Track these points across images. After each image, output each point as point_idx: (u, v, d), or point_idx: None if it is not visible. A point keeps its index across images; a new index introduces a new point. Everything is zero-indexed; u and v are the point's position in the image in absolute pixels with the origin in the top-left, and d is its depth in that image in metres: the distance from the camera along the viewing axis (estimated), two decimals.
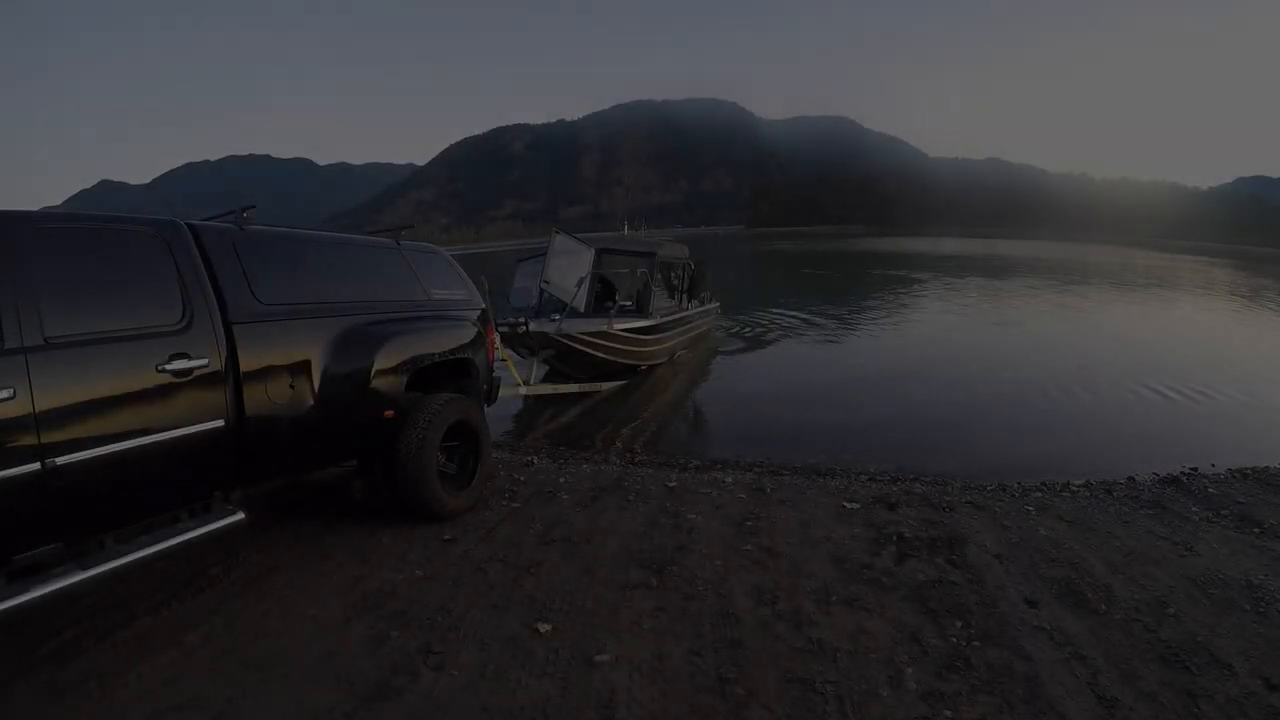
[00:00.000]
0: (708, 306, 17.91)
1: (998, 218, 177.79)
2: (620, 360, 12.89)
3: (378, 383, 5.02)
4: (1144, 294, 29.38)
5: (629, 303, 13.92)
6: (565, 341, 11.69)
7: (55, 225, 3.55)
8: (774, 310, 23.67)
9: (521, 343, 11.87)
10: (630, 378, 13.20)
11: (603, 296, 13.97)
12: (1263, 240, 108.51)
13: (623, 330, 12.56)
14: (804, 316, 21.97)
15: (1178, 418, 10.06)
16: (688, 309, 15.94)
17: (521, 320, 11.42)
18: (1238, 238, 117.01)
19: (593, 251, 13.31)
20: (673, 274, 15.65)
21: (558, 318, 11.80)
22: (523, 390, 11.36)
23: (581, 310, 12.52)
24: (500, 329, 11.01)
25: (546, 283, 12.55)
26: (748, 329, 19.83)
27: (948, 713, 3.24)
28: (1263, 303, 26.94)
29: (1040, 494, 6.66)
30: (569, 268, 12.82)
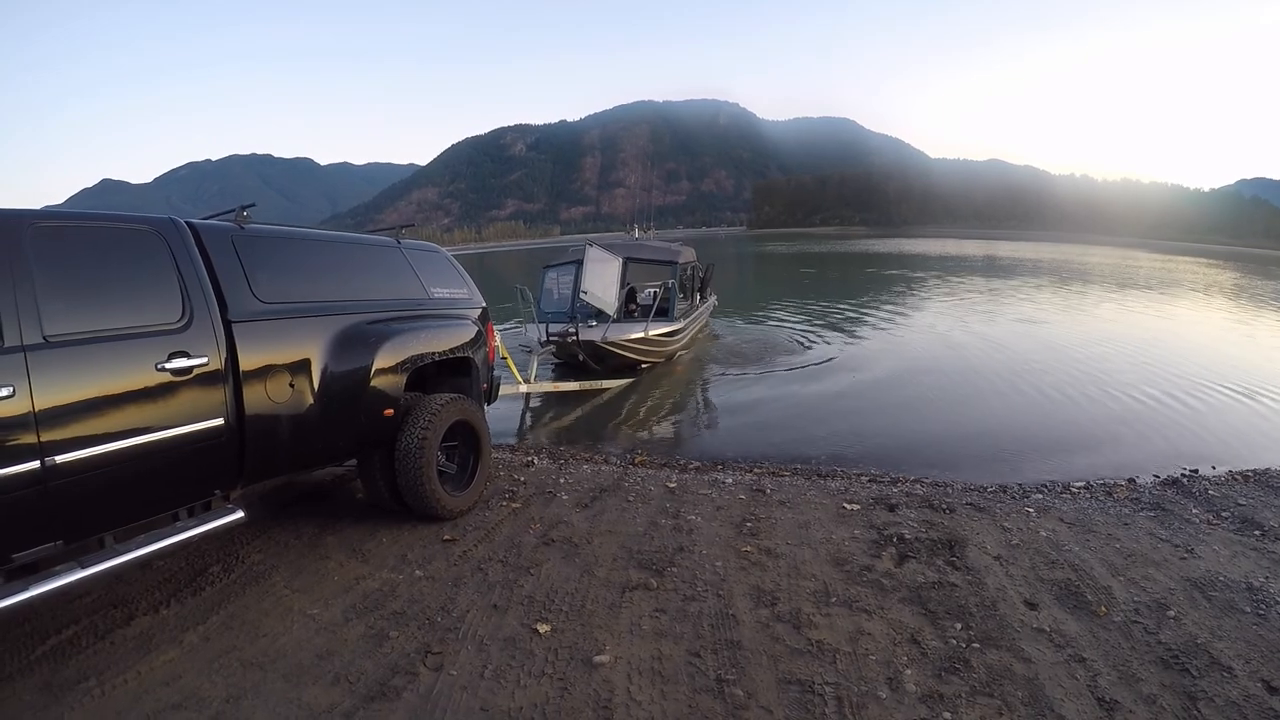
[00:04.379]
0: (708, 302, 19.16)
1: (1000, 218, 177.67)
2: (642, 360, 13.89)
3: (377, 382, 5.02)
4: (1147, 296, 29.25)
5: (649, 301, 15.21)
6: (612, 349, 12.80)
7: (55, 224, 3.54)
8: (775, 311, 23.67)
9: (570, 351, 13.07)
10: (631, 377, 13.37)
11: (626, 301, 14.86)
12: (1266, 242, 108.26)
13: (657, 335, 13.76)
14: (805, 317, 21.92)
15: (1179, 419, 10.01)
16: (698, 307, 17.13)
17: (572, 330, 12.50)
18: (1240, 239, 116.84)
19: (620, 261, 14.01)
20: (685, 276, 16.36)
21: (594, 324, 13.01)
22: (523, 389, 11.46)
23: (615, 317, 13.44)
24: (552, 339, 12.82)
25: (585, 293, 13.15)
26: (749, 330, 19.83)
27: (947, 715, 3.23)
28: (1268, 306, 26.84)
29: (1041, 496, 6.66)
30: (602, 276, 13.55)
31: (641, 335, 13.40)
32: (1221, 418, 10.13)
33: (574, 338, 12.51)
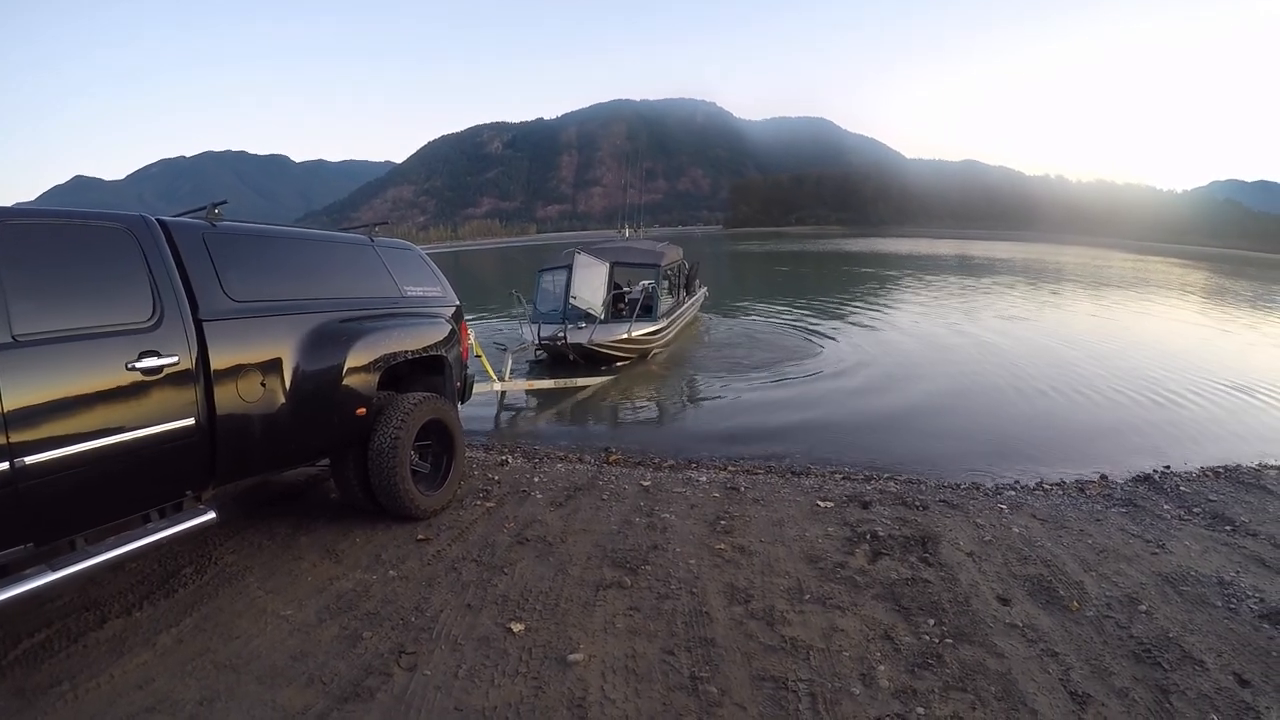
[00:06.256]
0: (696, 296, 20.36)
1: (975, 218, 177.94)
2: (625, 356, 14.58)
3: (350, 381, 4.99)
4: (1120, 295, 29.49)
5: (639, 296, 16.00)
6: (598, 349, 13.81)
7: (24, 221, 3.49)
8: (751, 308, 23.74)
9: (561, 352, 14.04)
10: (609, 374, 13.45)
11: (614, 301, 15.71)
12: (1240, 243, 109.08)
13: (640, 335, 14.68)
14: (781, 313, 21.99)
15: (1151, 416, 10.12)
16: (684, 304, 18.39)
17: (561, 334, 13.73)
18: (1214, 240, 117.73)
19: (608, 265, 15.00)
20: (670, 273, 17.28)
21: (584, 325, 14.09)
22: (498, 387, 11.44)
23: (602, 319, 14.39)
24: (544, 342, 14.07)
25: (574, 298, 14.47)
26: (724, 325, 19.92)
27: (920, 710, 3.26)
28: (1240, 306, 27.13)
29: (1013, 492, 6.71)
30: (589, 281, 14.73)
31: (625, 336, 14.26)
32: (1193, 414, 10.26)
33: (563, 341, 13.64)
